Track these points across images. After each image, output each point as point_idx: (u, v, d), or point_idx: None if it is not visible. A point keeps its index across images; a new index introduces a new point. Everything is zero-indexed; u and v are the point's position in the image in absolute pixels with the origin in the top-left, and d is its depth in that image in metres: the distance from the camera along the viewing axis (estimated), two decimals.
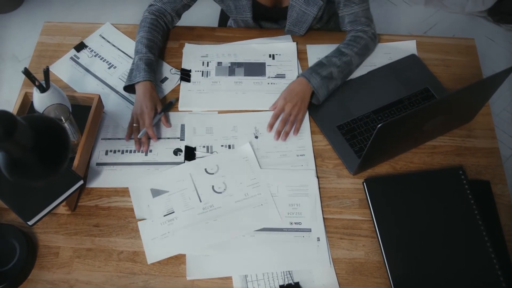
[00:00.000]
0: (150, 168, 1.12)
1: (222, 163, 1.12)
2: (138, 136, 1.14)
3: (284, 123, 1.17)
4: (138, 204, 1.07)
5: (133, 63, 1.21)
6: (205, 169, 1.12)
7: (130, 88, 1.21)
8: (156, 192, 1.09)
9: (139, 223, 1.05)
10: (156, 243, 1.02)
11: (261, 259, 1.00)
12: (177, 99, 1.23)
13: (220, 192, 1.08)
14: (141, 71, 1.18)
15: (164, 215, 1.05)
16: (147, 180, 1.10)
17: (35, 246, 1.02)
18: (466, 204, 1.03)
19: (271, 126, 1.17)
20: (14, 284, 0.96)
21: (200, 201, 1.07)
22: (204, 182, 1.10)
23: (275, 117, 1.18)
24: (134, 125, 1.15)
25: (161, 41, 1.28)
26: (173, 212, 1.06)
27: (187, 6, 1.31)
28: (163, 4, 1.28)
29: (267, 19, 1.37)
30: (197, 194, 1.08)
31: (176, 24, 1.35)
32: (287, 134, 1.16)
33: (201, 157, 1.14)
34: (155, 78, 1.22)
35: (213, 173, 1.11)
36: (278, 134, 1.16)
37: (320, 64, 1.21)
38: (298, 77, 1.21)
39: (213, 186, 1.09)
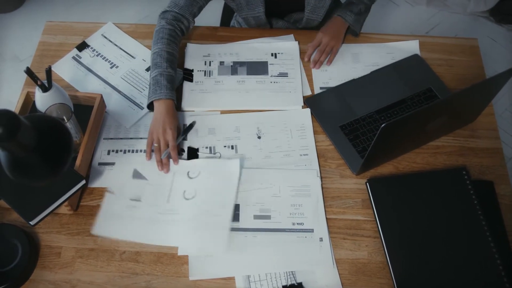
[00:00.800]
0: None
1: (204, 170, 1.10)
2: (162, 157, 1.09)
3: (321, 53, 1.29)
4: (117, 176, 1.09)
5: (151, 77, 1.15)
6: (188, 172, 1.10)
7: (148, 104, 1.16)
8: (137, 174, 1.09)
9: (106, 193, 1.06)
10: (109, 220, 1.03)
11: (264, 259, 1.00)
12: (195, 122, 1.19)
13: (188, 199, 1.07)
14: (162, 88, 1.12)
15: (131, 199, 1.06)
16: (136, 159, 1.12)
17: (37, 246, 1.02)
18: (469, 205, 1.03)
19: (309, 56, 1.30)
20: (16, 284, 0.96)
21: (168, 202, 1.06)
22: (180, 184, 1.08)
23: (313, 48, 1.30)
24: (155, 145, 1.10)
25: (178, 52, 1.23)
26: (140, 201, 1.06)
27: (202, 8, 1.28)
28: (180, 9, 1.23)
29: (277, 13, 1.37)
30: (169, 194, 1.07)
31: None
32: (321, 63, 1.30)
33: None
34: (175, 96, 1.17)
35: (192, 178, 1.09)
36: (315, 62, 1.29)
37: (349, 3, 1.35)
38: (333, 16, 1.34)
39: (184, 191, 1.08)
